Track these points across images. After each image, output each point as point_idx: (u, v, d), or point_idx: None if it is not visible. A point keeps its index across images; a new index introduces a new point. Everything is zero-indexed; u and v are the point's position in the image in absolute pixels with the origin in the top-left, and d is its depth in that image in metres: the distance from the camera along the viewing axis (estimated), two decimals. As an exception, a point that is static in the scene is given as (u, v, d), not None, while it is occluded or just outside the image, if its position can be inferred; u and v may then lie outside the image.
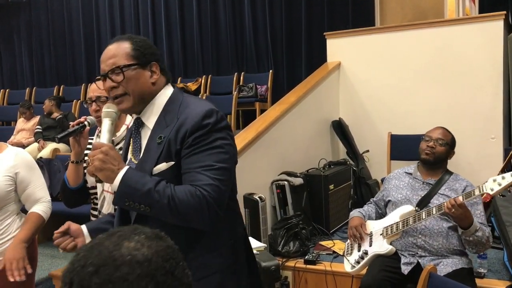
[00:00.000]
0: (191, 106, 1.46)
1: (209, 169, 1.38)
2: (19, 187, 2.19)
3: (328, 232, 3.79)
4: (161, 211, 1.36)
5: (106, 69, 1.47)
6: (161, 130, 1.46)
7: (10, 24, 8.57)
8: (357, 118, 4.83)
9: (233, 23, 6.79)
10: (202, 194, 1.35)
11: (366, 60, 4.81)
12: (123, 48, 1.48)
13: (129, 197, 1.37)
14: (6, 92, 8.20)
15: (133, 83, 1.46)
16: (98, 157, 1.38)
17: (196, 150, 1.39)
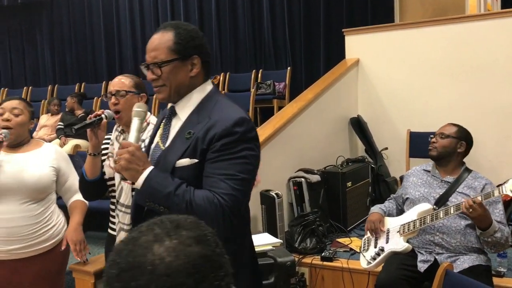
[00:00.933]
0: (225, 110, 1.48)
1: (231, 178, 1.40)
2: (61, 179, 2.31)
3: (345, 229, 3.78)
4: (178, 213, 1.39)
5: (148, 60, 1.51)
6: (192, 126, 1.49)
7: (33, 22, 8.72)
8: (375, 115, 4.80)
9: (251, 20, 6.79)
10: (220, 202, 1.38)
11: (385, 57, 4.77)
12: (165, 41, 1.49)
13: (150, 197, 1.42)
14: (29, 90, 8.36)
15: (171, 76, 1.50)
16: (124, 157, 1.43)
17: (222, 157, 1.42)
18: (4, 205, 2.16)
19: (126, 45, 7.87)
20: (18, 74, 8.95)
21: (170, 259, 0.74)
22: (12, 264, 2.17)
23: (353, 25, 5.34)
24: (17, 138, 2.25)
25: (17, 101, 2.27)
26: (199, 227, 0.81)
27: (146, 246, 0.75)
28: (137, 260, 0.74)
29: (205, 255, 0.77)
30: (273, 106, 6.01)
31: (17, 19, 8.81)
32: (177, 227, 0.79)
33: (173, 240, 0.76)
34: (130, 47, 7.80)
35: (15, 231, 2.15)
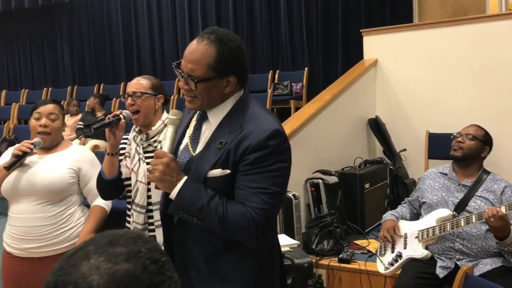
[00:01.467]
0: (258, 120, 1.46)
1: (264, 192, 1.40)
2: (82, 181, 2.31)
3: (363, 231, 3.75)
4: (211, 226, 1.43)
5: (185, 70, 1.46)
6: (223, 135, 1.47)
7: (53, 24, 8.84)
8: (394, 116, 4.75)
9: (269, 21, 6.79)
10: (252, 217, 1.39)
11: (404, 57, 4.73)
12: (206, 56, 1.43)
13: (183, 209, 1.44)
14: (49, 90, 8.49)
15: (204, 93, 1.46)
16: (159, 168, 1.43)
17: (254, 170, 1.41)
18: (21, 205, 2.21)
19: (144, 46, 7.93)
20: (38, 75, 9.08)
21: (92, 277, 0.69)
22: (29, 262, 2.22)
23: (371, 26, 5.30)
24: (52, 142, 2.29)
25: (53, 105, 2.30)
26: (134, 242, 0.75)
27: (74, 263, 0.72)
28: (61, 279, 0.71)
29: (132, 273, 0.71)
30: (290, 107, 6.00)
31: (37, 21, 8.95)
32: (109, 243, 0.74)
33: (100, 257, 0.72)
34: (148, 48, 7.86)
35: (30, 231, 2.19)
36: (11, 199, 2.25)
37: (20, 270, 2.23)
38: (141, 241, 0.76)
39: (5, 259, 2.29)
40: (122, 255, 0.72)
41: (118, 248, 0.73)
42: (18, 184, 2.20)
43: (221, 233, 1.44)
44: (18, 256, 2.24)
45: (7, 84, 9.31)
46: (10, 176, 2.20)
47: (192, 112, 1.63)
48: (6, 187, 2.21)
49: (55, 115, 2.27)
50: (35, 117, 2.25)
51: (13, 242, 2.23)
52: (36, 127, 2.24)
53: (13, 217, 2.24)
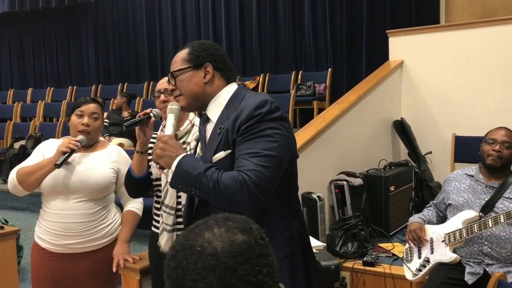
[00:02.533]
0: (250, 99, 1.55)
1: (255, 155, 1.44)
2: (119, 181, 2.33)
3: (388, 234, 3.71)
4: (208, 194, 1.46)
5: (169, 72, 1.66)
6: (222, 122, 1.56)
7: (79, 24, 8.97)
8: (419, 118, 4.69)
9: (292, 22, 6.77)
10: (244, 178, 1.41)
11: (430, 59, 4.66)
12: (181, 54, 1.64)
13: (182, 179, 1.49)
14: (74, 89, 8.61)
15: (184, 84, 1.61)
16: (158, 146, 1.54)
17: (246, 138, 1.47)
18: (64, 201, 2.23)
19: (168, 46, 7.99)
20: (63, 73, 9.23)
21: (216, 242, 0.85)
22: (67, 257, 2.25)
23: (396, 26, 5.25)
24: (90, 141, 2.32)
25: (95, 105, 2.32)
26: (246, 221, 0.91)
27: (198, 232, 0.88)
28: (189, 243, 0.86)
29: (248, 242, 0.87)
30: (313, 107, 5.98)
31: (64, 20, 9.09)
32: (226, 219, 0.91)
33: (221, 228, 0.88)
34: (172, 48, 7.91)
35: (72, 227, 2.22)
36: (51, 195, 2.25)
37: (56, 265, 2.25)
38: (250, 221, 0.92)
39: (38, 255, 2.29)
40: (238, 228, 0.88)
41: (234, 223, 0.89)
42: (69, 181, 2.21)
43: (219, 202, 1.45)
44: (54, 252, 2.25)
45: (33, 82, 9.48)
46: (56, 173, 2.20)
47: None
48: (53, 184, 2.21)
49: (97, 114, 2.30)
50: (77, 114, 2.27)
51: (51, 238, 2.24)
52: (78, 125, 2.26)
53: (52, 213, 2.24)
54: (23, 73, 9.68)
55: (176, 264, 0.85)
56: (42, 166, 2.19)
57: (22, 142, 6.79)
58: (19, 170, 2.23)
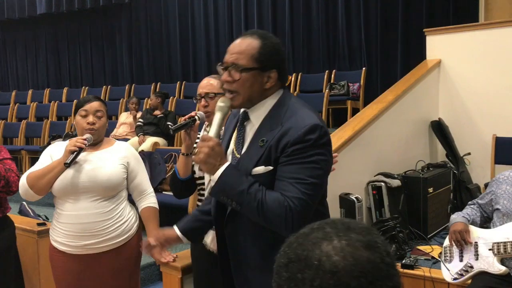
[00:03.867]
0: (297, 115, 1.49)
1: (301, 182, 1.43)
2: (130, 176, 2.34)
3: (426, 236, 3.64)
4: (249, 211, 1.46)
5: (229, 61, 1.53)
6: (265, 133, 1.52)
7: (113, 24, 9.12)
8: (458, 119, 4.59)
9: (325, 20, 6.72)
10: (289, 206, 1.41)
11: (469, 58, 4.56)
12: (250, 48, 1.51)
13: (224, 192, 1.48)
14: (108, 88, 8.76)
15: (246, 85, 1.52)
16: (203, 151, 1.48)
17: (293, 161, 1.45)
18: (78, 202, 2.21)
19: (200, 47, 8.04)
20: (98, 73, 9.40)
21: (337, 258, 0.73)
22: (87, 258, 2.23)
23: (433, 25, 5.15)
24: (97, 139, 2.31)
25: (98, 103, 2.30)
26: (370, 233, 0.78)
27: (315, 242, 0.77)
28: (304, 254, 0.76)
29: (373, 261, 0.74)
30: (346, 107, 5.92)
31: (98, 21, 9.26)
32: (347, 229, 0.78)
33: (342, 240, 0.76)
34: (204, 49, 7.97)
35: (88, 227, 2.20)
36: (64, 197, 2.23)
37: (77, 267, 2.23)
38: (374, 233, 0.80)
39: (58, 258, 2.28)
40: (361, 242, 0.75)
41: (356, 235, 0.77)
42: (78, 181, 2.20)
43: (256, 219, 1.46)
44: (74, 253, 2.23)
45: (68, 81, 9.68)
46: (66, 174, 2.19)
47: (237, 117, 1.66)
48: (63, 185, 2.19)
49: (101, 112, 2.29)
50: (82, 114, 2.26)
51: (69, 240, 2.22)
52: (83, 124, 2.24)
53: (68, 214, 2.22)
54: (58, 73, 9.89)
55: (289, 275, 0.76)
56: (52, 168, 2.18)
57: (58, 141, 6.94)
58: (29, 175, 2.21)
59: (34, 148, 7.32)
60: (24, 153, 7.09)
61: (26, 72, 10.27)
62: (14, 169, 2.51)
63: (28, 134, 7.95)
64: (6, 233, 2.57)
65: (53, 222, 2.29)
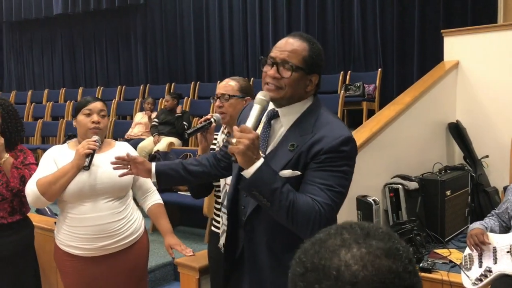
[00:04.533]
0: (331, 126, 1.52)
1: (330, 189, 1.46)
2: (134, 177, 2.31)
3: (443, 240, 3.61)
4: (278, 211, 1.44)
5: (279, 57, 1.52)
6: (294, 138, 1.53)
7: (128, 24, 9.16)
8: (475, 121, 4.53)
9: (341, 20, 6.67)
10: (320, 210, 1.43)
11: (487, 59, 4.50)
12: (302, 49, 1.53)
13: (257, 187, 1.44)
14: (123, 88, 8.80)
15: (293, 84, 1.53)
16: (244, 142, 1.41)
17: (324, 168, 1.47)
18: (93, 204, 2.20)
19: (214, 47, 8.04)
20: (113, 73, 9.45)
21: (356, 267, 0.69)
22: (103, 259, 2.23)
23: (450, 26, 5.10)
24: (102, 140, 2.30)
25: (102, 103, 2.29)
26: (391, 239, 0.74)
27: (333, 250, 0.72)
28: (322, 263, 0.71)
29: (395, 270, 0.70)
30: (362, 108, 5.87)
31: (113, 21, 9.32)
32: (367, 235, 0.74)
33: (362, 248, 0.71)
34: (219, 49, 7.97)
35: (105, 228, 2.20)
36: (76, 201, 2.20)
37: (90, 269, 2.22)
38: (395, 239, 0.75)
39: (69, 263, 2.25)
40: (382, 250, 0.71)
41: (376, 242, 0.72)
42: (96, 183, 2.18)
43: (285, 220, 1.45)
44: (87, 256, 2.22)
45: (83, 81, 9.75)
46: (79, 178, 2.16)
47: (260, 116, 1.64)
48: (77, 188, 2.17)
49: (104, 112, 2.27)
50: (85, 113, 2.22)
51: (83, 243, 2.21)
52: (88, 123, 2.21)
53: (81, 218, 2.20)
54: (74, 73, 9.97)
55: (305, 285, 0.72)
56: (64, 173, 2.14)
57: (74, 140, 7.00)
58: (39, 181, 2.16)
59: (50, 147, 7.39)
60: (40, 152, 7.15)
61: (42, 72, 10.37)
62: None
63: (44, 133, 8.03)
64: (25, 232, 2.60)
65: (62, 227, 2.25)
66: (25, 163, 2.50)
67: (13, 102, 9.67)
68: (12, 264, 2.51)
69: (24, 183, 2.37)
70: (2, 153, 2.40)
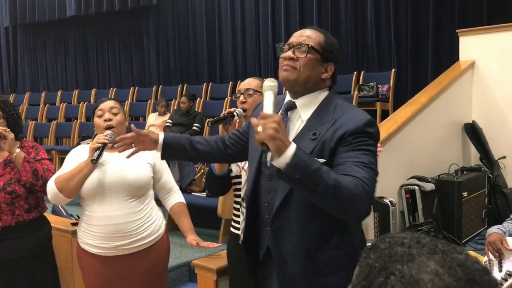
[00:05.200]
0: (350, 112, 1.53)
1: (366, 166, 1.42)
2: (156, 175, 2.33)
3: (460, 242, 3.57)
4: (324, 192, 1.34)
5: (295, 41, 1.58)
6: (316, 127, 1.53)
7: (141, 26, 9.20)
8: (492, 121, 4.49)
9: (354, 20, 6.63)
10: (363, 185, 1.37)
11: (504, 59, 4.45)
12: (318, 36, 1.58)
13: (300, 170, 1.32)
14: (135, 90, 8.84)
15: (309, 66, 1.55)
16: (271, 126, 1.31)
17: (355, 147, 1.45)
18: (109, 203, 2.19)
19: (227, 48, 8.04)
20: (125, 74, 9.49)
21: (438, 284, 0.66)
22: (119, 260, 2.22)
23: (466, 26, 5.04)
24: None
25: (113, 101, 2.32)
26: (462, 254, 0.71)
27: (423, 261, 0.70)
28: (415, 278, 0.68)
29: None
30: (375, 109, 5.83)
31: (126, 23, 9.36)
32: (436, 247, 0.72)
33: (442, 265, 0.68)
34: (231, 51, 7.96)
35: (121, 228, 2.19)
36: (93, 198, 2.21)
37: (108, 269, 2.22)
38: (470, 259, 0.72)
39: (88, 261, 2.26)
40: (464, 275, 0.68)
41: (448, 255, 0.70)
42: (105, 181, 2.19)
43: (331, 202, 1.36)
44: (105, 255, 2.22)
45: (96, 83, 9.81)
46: (94, 176, 2.18)
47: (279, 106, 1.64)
48: (91, 186, 2.17)
49: (116, 109, 2.28)
50: (98, 114, 2.26)
51: (100, 242, 2.21)
52: (101, 123, 2.24)
53: (98, 216, 2.20)
54: (87, 74, 10.03)
55: None
56: (80, 169, 2.16)
57: (88, 141, 7.04)
58: (57, 178, 2.19)
59: (64, 148, 7.44)
60: (54, 153, 7.21)
61: (55, 73, 10.45)
62: (52, 170, 2.52)
63: (58, 134, 8.10)
64: (43, 233, 2.59)
65: (82, 225, 2.28)
66: (37, 158, 2.51)
67: (27, 103, 9.82)
68: (30, 265, 2.50)
69: (37, 177, 2.39)
70: (13, 147, 2.38)
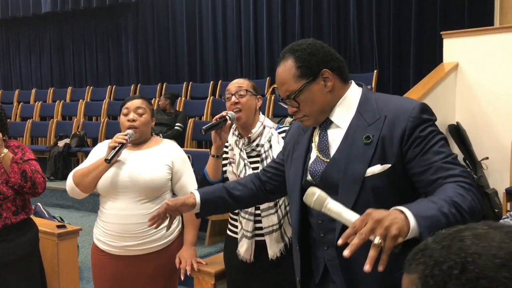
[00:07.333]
0: (394, 102, 1.41)
1: (451, 160, 1.30)
2: (174, 177, 2.28)
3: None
4: (456, 222, 1.14)
5: (283, 96, 1.49)
6: (363, 130, 1.39)
7: (119, 24, 9.05)
8: (475, 123, 4.55)
9: (337, 21, 6.67)
10: (465, 187, 1.23)
11: (487, 61, 4.52)
12: (288, 70, 1.45)
13: (434, 227, 1.09)
14: (113, 88, 8.68)
15: (308, 105, 1.45)
16: (390, 226, 1.08)
17: (426, 145, 1.32)
18: (120, 202, 2.18)
19: (207, 47, 7.98)
20: (103, 73, 9.32)
21: None
22: (126, 260, 2.20)
23: (447, 27, 5.11)
24: (141, 137, 2.27)
25: (140, 100, 2.28)
26: None
27: None
28: None
29: None
30: (358, 110, 5.87)
31: (104, 20, 9.19)
32: None
33: None
34: (212, 49, 7.91)
35: (129, 228, 2.17)
36: (107, 196, 2.22)
37: (116, 267, 2.21)
38: None
39: (98, 257, 2.27)
40: None
41: None
42: (118, 179, 2.17)
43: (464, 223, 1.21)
44: (113, 253, 2.22)
45: (72, 81, 9.60)
46: (110, 172, 2.18)
47: (312, 128, 1.56)
48: (104, 183, 2.18)
49: (143, 109, 2.25)
50: (124, 112, 2.24)
51: (109, 240, 2.21)
52: (125, 122, 2.23)
53: (109, 214, 2.21)
54: (63, 72, 9.81)
55: None
56: (96, 166, 2.18)
57: (66, 141, 6.88)
58: (75, 173, 2.22)
59: (40, 148, 7.26)
60: (30, 153, 7.01)
61: (29, 71, 10.20)
62: (40, 170, 2.47)
63: (33, 133, 7.89)
64: (30, 235, 2.54)
65: (97, 220, 2.29)
66: (24, 158, 2.45)
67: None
68: (18, 268, 2.44)
69: (26, 178, 2.36)
70: (1, 148, 2.34)
